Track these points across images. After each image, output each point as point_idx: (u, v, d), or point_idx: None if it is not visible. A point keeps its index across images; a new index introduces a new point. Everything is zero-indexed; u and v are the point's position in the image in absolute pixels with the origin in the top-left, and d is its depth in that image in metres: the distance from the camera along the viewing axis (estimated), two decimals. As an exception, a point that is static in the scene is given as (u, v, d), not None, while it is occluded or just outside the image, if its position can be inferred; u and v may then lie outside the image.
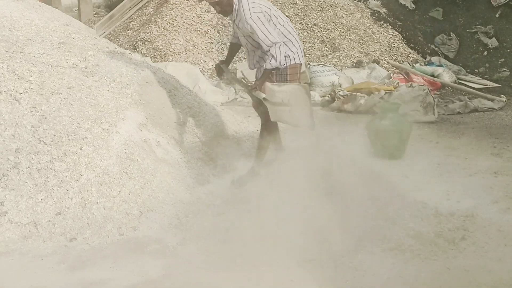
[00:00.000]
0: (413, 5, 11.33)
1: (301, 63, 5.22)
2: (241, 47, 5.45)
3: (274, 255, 4.27)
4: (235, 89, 8.93)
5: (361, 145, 6.19)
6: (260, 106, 5.33)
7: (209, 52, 9.94)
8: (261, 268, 4.10)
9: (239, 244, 4.34)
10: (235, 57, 5.75)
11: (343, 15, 10.57)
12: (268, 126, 5.34)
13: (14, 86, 5.09)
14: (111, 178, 4.72)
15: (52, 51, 5.64)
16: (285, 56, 5.06)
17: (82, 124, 4.99)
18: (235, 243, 4.36)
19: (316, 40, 10.11)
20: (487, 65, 10.36)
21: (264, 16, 4.97)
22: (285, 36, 5.08)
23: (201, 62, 9.59)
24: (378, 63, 9.77)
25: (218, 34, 10.22)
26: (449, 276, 4.01)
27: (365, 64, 9.70)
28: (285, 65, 5.07)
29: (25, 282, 3.90)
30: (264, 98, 5.06)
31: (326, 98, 8.57)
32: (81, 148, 4.83)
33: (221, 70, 5.38)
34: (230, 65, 5.90)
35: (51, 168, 4.66)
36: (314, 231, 4.44)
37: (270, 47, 4.94)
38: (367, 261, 4.17)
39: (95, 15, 12.97)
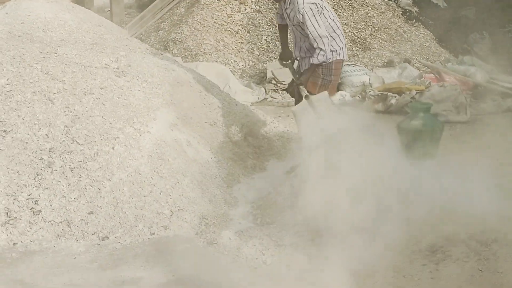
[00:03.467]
0: (445, 4, 11.20)
1: (344, 59, 5.32)
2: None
3: (299, 254, 4.28)
4: (265, 89, 8.94)
5: (391, 146, 6.15)
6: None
7: (239, 52, 9.95)
8: (291, 267, 4.11)
9: (270, 244, 4.36)
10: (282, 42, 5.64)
11: (374, 14, 10.51)
12: None
13: (48, 87, 5.17)
14: (143, 178, 4.76)
15: (85, 52, 5.72)
16: (331, 51, 5.15)
17: (114, 124, 5.04)
18: (265, 244, 4.37)
19: (346, 39, 10.03)
20: (521, 64, 10.20)
21: (317, 8, 5.03)
22: (334, 31, 5.14)
23: (231, 62, 9.61)
24: (409, 62, 9.68)
25: (248, 34, 10.23)
26: (481, 278, 3.97)
27: (396, 64, 9.63)
28: (331, 59, 5.16)
29: (58, 280, 3.95)
30: (306, 96, 5.10)
31: (357, 98, 8.53)
32: (113, 148, 4.88)
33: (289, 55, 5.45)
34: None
35: (83, 168, 4.72)
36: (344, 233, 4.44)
37: (317, 40, 4.99)
38: (398, 262, 4.14)
39: (126, 16, 13.06)
